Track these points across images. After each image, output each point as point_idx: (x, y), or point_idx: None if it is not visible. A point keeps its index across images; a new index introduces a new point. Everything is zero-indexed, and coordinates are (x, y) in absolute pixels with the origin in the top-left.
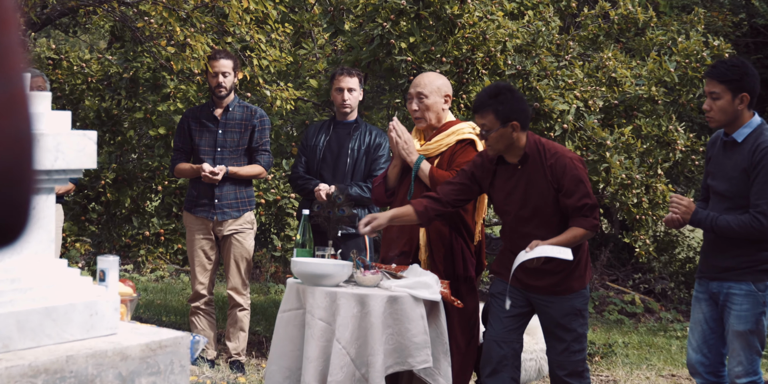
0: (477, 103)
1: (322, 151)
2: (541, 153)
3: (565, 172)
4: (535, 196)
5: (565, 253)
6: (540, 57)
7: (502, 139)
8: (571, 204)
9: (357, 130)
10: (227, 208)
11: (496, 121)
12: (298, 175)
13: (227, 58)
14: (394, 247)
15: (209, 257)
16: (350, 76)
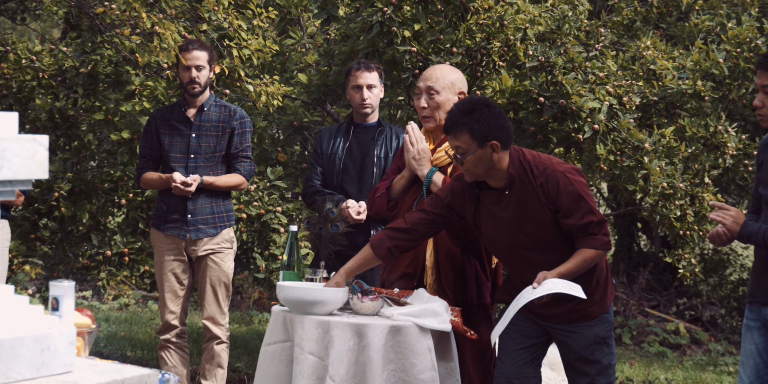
0: (448, 122)
1: (342, 159)
2: (528, 172)
3: (560, 189)
4: (528, 224)
5: (577, 290)
6: (566, 46)
7: (481, 163)
8: (574, 224)
9: (382, 134)
10: (202, 224)
11: (472, 141)
12: (314, 189)
13: (202, 49)
14: (396, 269)
15: (181, 282)
16: (369, 70)
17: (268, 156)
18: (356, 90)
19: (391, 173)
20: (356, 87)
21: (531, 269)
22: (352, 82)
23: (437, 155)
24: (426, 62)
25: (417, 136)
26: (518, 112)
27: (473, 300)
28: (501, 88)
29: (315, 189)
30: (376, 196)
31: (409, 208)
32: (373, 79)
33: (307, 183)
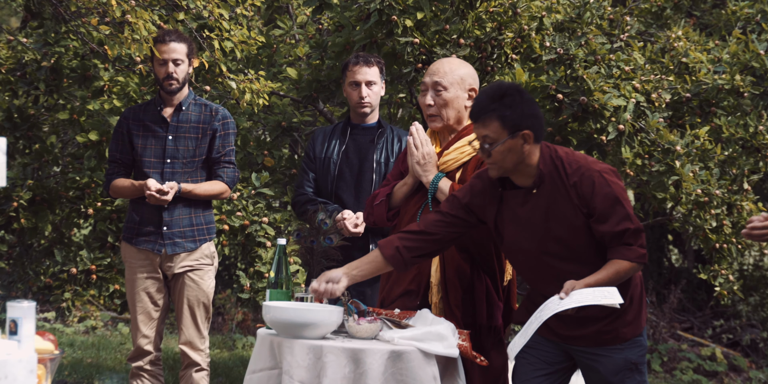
0: (476, 108)
1: (338, 165)
2: (560, 169)
3: (595, 191)
4: (557, 227)
5: (612, 295)
6: (587, 37)
7: (511, 155)
8: (608, 231)
9: (382, 136)
10: (179, 237)
11: (502, 130)
12: (306, 197)
13: (179, 41)
14: (398, 286)
15: (156, 302)
16: (369, 65)
17: (254, 160)
18: (354, 87)
19: (393, 179)
20: (354, 83)
21: (555, 281)
22: (350, 78)
23: (444, 159)
24: (430, 55)
25: (422, 138)
26: None
27: (483, 322)
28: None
29: (306, 197)
30: (374, 203)
31: (411, 217)
32: (373, 75)
33: (298, 191)
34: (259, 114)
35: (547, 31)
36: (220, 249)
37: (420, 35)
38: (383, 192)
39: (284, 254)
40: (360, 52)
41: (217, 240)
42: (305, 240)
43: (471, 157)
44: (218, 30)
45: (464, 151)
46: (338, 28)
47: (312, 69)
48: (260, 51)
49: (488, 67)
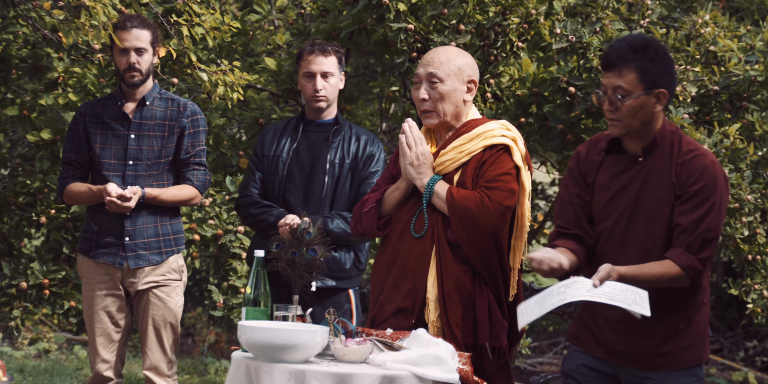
0: (614, 54)
1: (287, 164)
2: (674, 144)
3: (701, 176)
4: (649, 200)
5: (641, 302)
6: (603, 23)
7: (641, 113)
8: (684, 223)
9: (338, 135)
10: (143, 249)
11: (638, 83)
12: (251, 199)
13: (142, 27)
14: (389, 303)
15: (117, 322)
16: (325, 54)
17: (227, 162)
18: (308, 78)
19: (383, 183)
20: (308, 75)
21: (611, 261)
22: (304, 68)
23: (441, 160)
24: (426, 43)
25: (415, 137)
26: (542, 106)
27: (486, 343)
28: (520, 76)
29: (250, 200)
30: (363, 211)
31: (404, 226)
32: (330, 66)
33: (243, 192)
34: (234, 110)
35: (558, 16)
36: (189, 262)
37: (415, 20)
38: (372, 198)
39: (263, 268)
40: (317, 40)
41: (187, 252)
42: (286, 251)
43: (471, 157)
44: (187, 15)
45: (463, 150)
46: (322, 13)
47: (293, 59)
48: (235, 39)
49: (491, 57)
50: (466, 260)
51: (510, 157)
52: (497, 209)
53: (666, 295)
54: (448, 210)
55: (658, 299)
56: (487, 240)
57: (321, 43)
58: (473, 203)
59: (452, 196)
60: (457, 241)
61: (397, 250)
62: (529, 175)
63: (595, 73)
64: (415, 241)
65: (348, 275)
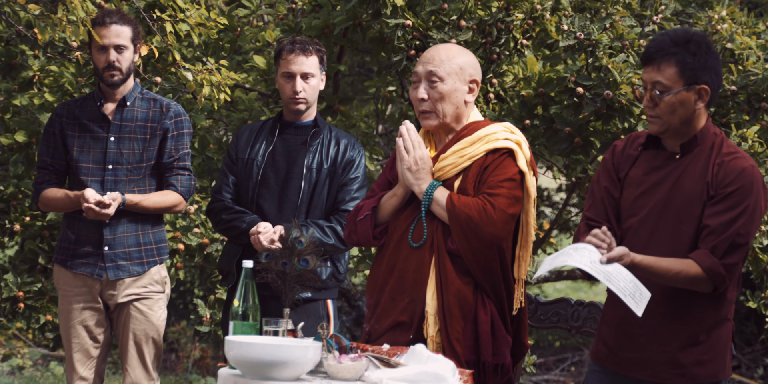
0: (654, 47)
1: (262, 168)
2: (715, 144)
3: (738, 178)
4: (681, 198)
5: (640, 299)
6: (613, 19)
7: (681, 109)
8: (713, 224)
9: (317, 138)
10: (124, 259)
11: (678, 78)
12: (222, 204)
13: (123, 23)
14: (386, 317)
15: (95, 337)
16: (305, 53)
17: (213, 166)
18: (287, 78)
19: (379, 189)
20: (287, 75)
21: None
22: (283, 67)
23: (441, 164)
24: (425, 40)
25: (413, 140)
26: (548, 108)
27: (489, 359)
28: (525, 75)
29: (222, 205)
30: (358, 219)
31: (402, 235)
32: (311, 66)
33: (215, 196)
34: (221, 111)
35: (565, 12)
36: (173, 273)
37: (413, 16)
38: (368, 205)
39: (251, 279)
40: (298, 38)
41: (170, 262)
42: (276, 262)
43: (473, 161)
44: (171, 10)
45: (464, 154)
46: (315, 8)
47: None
48: (221, 35)
49: (494, 55)
50: (467, 271)
51: (514, 161)
52: (500, 217)
53: (687, 304)
54: (448, 218)
55: (678, 307)
56: (489, 250)
57: (302, 41)
58: (475, 211)
59: (453, 203)
60: (457, 251)
61: (394, 260)
62: (534, 181)
63: (605, 72)
64: (413, 251)
65: (324, 285)
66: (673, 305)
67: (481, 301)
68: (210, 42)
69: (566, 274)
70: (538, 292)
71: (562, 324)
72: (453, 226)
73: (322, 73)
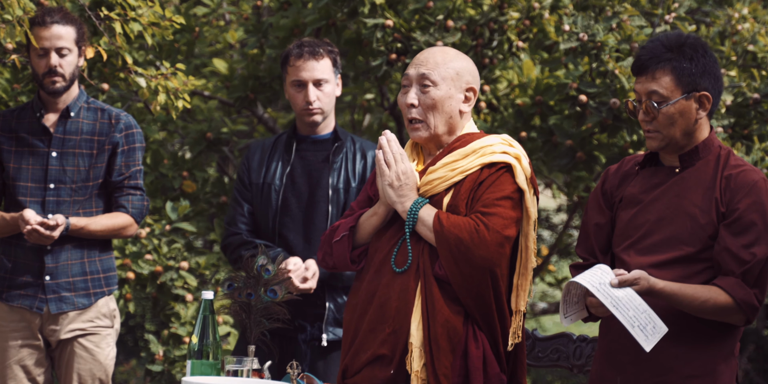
0: (646, 56)
1: (281, 193)
2: (720, 157)
3: (751, 193)
4: (681, 216)
5: (654, 334)
6: (620, 18)
7: (681, 120)
8: (734, 247)
9: (340, 152)
10: (67, 290)
11: (675, 87)
12: (240, 238)
13: (65, 23)
14: (364, 350)
15: (34, 378)
16: (317, 57)
17: (168, 185)
18: (298, 88)
19: (358, 207)
20: (298, 83)
21: None
22: (292, 75)
23: (428, 178)
24: (407, 43)
25: (395, 152)
26: (547, 118)
27: None
28: (521, 82)
29: (240, 239)
30: (334, 240)
31: (384, 258)
32: (324, 71)
33: (229, 229)
34: (176, 122)
35: (566, 10)
36: (122, 305)
37: (394, 15)
38: (345, 225)
39: (211, 312)
40: (305, 39)
41: (119, 293)
42: (240, 292)
43: (465, 175)
44: (120, 8)
45: (456, 167)
46: (283, 6)
47: (248, 61)
48: (177, 37)
49: (485, 59)
50: (457, 299)
51: (512, 177)
52: (495, 239)
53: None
54: (435, 240)
55: (679, 334)
56: (481, 276)
57: (310, 43)
58: (466, 232)
59: (441, 223)
60: (446, 277)
61: (375, 286)
62: (534, 200)
63: (611, 78)
64: (396, 276)
65: None
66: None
67: (472, 332)
68: (164, 44)
69: None
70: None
71: (562, 362)
72: (441, 249)
73: (336, 76)
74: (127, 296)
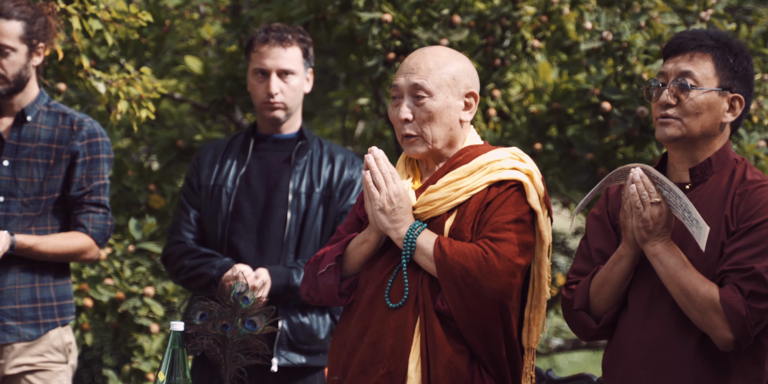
0: (688, 36)
1: (233, 197)
2: (735, 172)
3: (765, 211)
4: (689, 241)
5: (701, 231)
6: (650, 15)
7: (708, 115)
8: (740, 260)
9: (304, 154)
10: (13, 319)
11: (714, 76)
12: (184, 247)
13: (10, 18)
14: None
15: None
16: (283, 44)
17: (133, 199)
18: (259, 77)
19: (345, 230)
20: (259, 71)
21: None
22: (254, 62)
23: (427, 199)
24: (407, 40)
25: (384, 172)
26: (565, 128)
27: None
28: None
29: (184, 247)
30: (319, 272)
31: (377, 290)
32: (291, 61)
33: (172, 237)
34: (143, 128)
35: (589, 5)
36: (78, 336)
37: (392, 9)
38: (331, 253)
39: (181, 345)
40: (274, 24)
41: (76, 322)
42: (214, 323)
43: (471, 195)
44: (79, 1)
45: (460, 187)
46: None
47: (225, 59)
48: (145, 30)
49: (496, 60)
50: (461, 337)
51: (524, 197)
52: (506, 269)
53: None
54: (437, 270)
55: (696, 353)
56: (490, 310)
57: (279, 28)
58: (473, 261)
59: (443, 250)
60: (449, 312)
61: (367, 321)
62: (549, 222)
63: (639, 84)
64: (391, 310)
65: (323, 348)
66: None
67: (478, 374)
68: (130, 41)
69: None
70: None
71: None
72: (444, 281)
73: (307, 70)
74: (84, 326)
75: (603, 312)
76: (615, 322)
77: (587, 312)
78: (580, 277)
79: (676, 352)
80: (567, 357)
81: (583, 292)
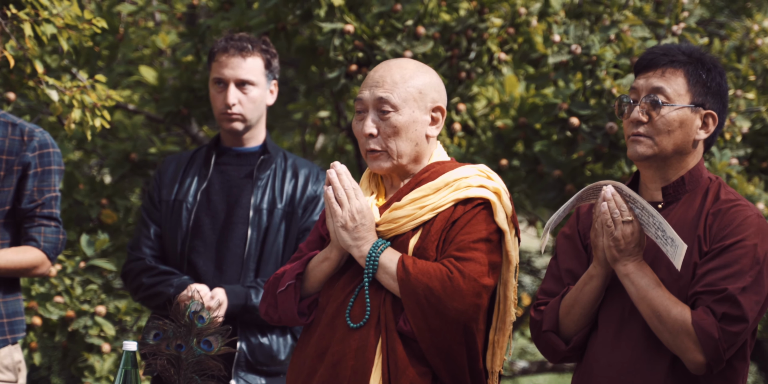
0: (659, 51)
1: (194, 213)
2: (709, 192)
3: (739, 229)
4: (661, 261)
5: (677, 250)
6: (620, 28)
7: (680, 132)
8: (713, 281)
9: (266, 169)
10: None
11: (686, 91)
12: (143, 264)
13: None
14: None
15: None
16: (243, 53)
17: (84, 214)
18: (218, 87)
19: (307, 248)
20: (218, 81)
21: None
22: (214, 72)
23: (391, 216)
24: (370, 52)
25: (347, 188)
26: (532, 144)
27: None
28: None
29: (143, 264)
30: (279, 290)
31: (338, 310)
32: (251, 71)
33: (132, 253)
34: (95, 140)
35: (557, 18)
36: (26, 355)
37: (355, 19)
38: (291, 271)
39: (134, 366)
40: (237, 34)
41: (24, 341)
42: (168, 343)
43: (436, 213)
44: (31, 7)
45: (425, 204)
46: (224, 6)
47: (181, 70)
48: (99, 38)
49: (462, 73)
50: (424, 358)
51: (491, 216)
52: (471, 289)
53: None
54: (400, 290)
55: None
56: (454, 332)
57: (242, 37)
58: (437, 280)
59: (406, 270)
60: (412, 333)
61: (327, 342)
62: (516, 241)
63: (608, 99)
64: (352, 331)
65: (283, 369)
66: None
67: None
68: (83, 49)
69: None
70: None
71: None
72: (407, 301)
73: (270, 82)
74: (32, 345)
75: (573, 333)
76: (585, 344)
77: (556, 333)
78: (549, 297)
79: (647, 374)
80: (532, 380)
81: (553, 313)
